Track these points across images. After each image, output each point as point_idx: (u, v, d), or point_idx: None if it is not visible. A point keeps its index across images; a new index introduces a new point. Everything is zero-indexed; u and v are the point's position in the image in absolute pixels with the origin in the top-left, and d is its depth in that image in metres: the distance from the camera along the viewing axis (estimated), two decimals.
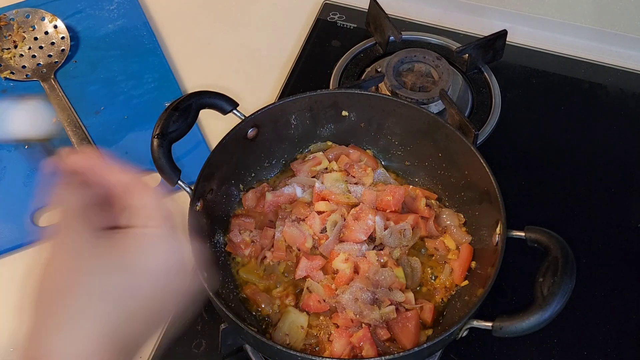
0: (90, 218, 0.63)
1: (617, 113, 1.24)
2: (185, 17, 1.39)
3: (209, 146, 1.16)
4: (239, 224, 1.01)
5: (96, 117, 1.20)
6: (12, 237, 1.06)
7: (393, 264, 0.96)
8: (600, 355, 0.97)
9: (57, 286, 0.60)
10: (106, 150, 1.15)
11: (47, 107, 1.19)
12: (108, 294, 0.59)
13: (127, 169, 0.66)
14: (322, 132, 1.10)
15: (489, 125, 1.19)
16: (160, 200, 0.64)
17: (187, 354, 0.96)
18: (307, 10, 1.39)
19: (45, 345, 0.58)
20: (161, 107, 1.07)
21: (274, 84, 1.28)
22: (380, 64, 1.27)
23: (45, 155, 0.70)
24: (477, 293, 0.89)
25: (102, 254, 0.61)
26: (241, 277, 0.98)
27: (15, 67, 1.26)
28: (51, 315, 0.59)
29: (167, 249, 0.62)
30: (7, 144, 1.16)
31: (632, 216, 1.11)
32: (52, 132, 0.79)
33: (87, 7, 1.36)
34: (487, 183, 0.94)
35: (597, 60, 1.31)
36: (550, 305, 0.80)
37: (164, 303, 0.63)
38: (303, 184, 1.05)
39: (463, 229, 1.01)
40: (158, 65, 1.28)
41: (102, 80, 1.26)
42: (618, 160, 1.18)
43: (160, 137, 0.95)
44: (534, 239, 0.88)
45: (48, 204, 1.00)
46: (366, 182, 1.05)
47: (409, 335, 0.90)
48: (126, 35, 1.32)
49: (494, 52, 1.27)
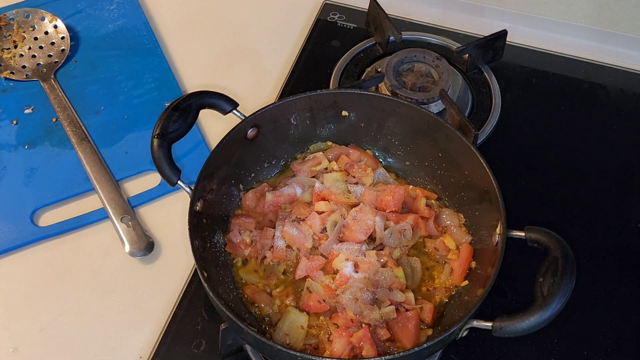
0: None
1: (617, 113, 1.24)
2: (185, 17, 1.39)
3: (208, 146, 1.16)
4: (239, 224, 1.01)
5: (96, 116, 1.20)
6: (12, 237, 1.06)
7: (393, 264, 0.96)
8: (600, 355, 0.97)
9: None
10: (106, 150, 1.15)
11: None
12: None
13: None
14: (322, 132, 1.10)
15: (489, 125, 1.19)
16: None
17: (187, 354, 0.96)
18: (307, 10, 1.39)
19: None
20: (161, 107, 1.08)
21: (274, 84, 1.28)
22: (380, 64, 1.27)
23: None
24: (477, 293, 0.89)
25: None
26: (241, 277, 0.98)
27: (15, 67, 1.26)
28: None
29: None
30: (7, 144, 1.16)
31: (632, 216, 1.11)
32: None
33: (87, 7, 1.36)
34: (487, 183, 0.94)
35: (597, 60, 1.31)
36: (550, 305, 0.80)
37: None
38: (303, 184, 1.05)
39: (463, 229, 1.01)
40: (158, 65, 1.28)
41: (102, 80, 1.26)
42: (618, 160, 1.18)
43: (160, 137, 0.95)
44: (534, 239, 0.88)
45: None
46: (366, 182, 1.05)
47: (409, 335, 0.90)
48: (126, 35, 1.32)
49: (494, 52, 1.27)
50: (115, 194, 1.08)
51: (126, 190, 1.12)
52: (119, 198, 1.08)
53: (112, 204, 1.07)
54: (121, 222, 1.06)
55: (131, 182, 1.13)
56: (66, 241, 1.07)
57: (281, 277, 0.98)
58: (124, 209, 1.07)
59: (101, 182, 1.09)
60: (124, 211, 1.07)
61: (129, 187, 1.12)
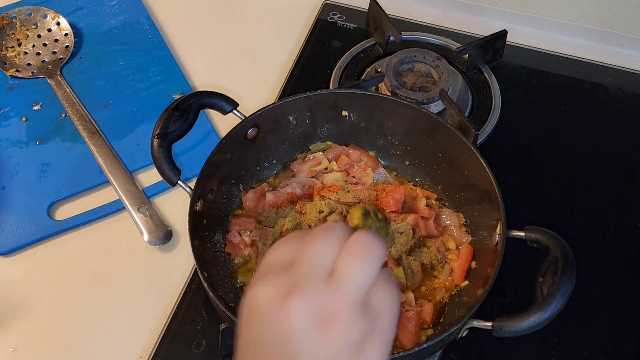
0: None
1: (617, 113, 1.24)
2: (185, 17, 1.39)
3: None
4: (239, 223, 1.01)
5: (105, 111, 1.21)
6: (30, 232, 1.07)
7: (393, 264, 0.96)
8: (600, 355, 0.97)
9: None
10: (117, 143, 1.16)
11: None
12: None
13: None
14: (322, 132, 1.10)
15: (489, 125, 1.19)
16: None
17: (187, 354, 0.97)
18: (307, 10, 1.39)
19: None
20: (169, 99, 1.09)
21: (274, 84, 1.28)
22: (380, 64, 1.27)
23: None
24: (477, 293, 0.89)
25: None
26: (241, 278, 0.98)
27: (20, 65, 1.26)
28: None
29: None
30: (18, 141, 1.17)
31: (632, 216, 1.11)
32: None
33: (88, 3, 1.37)
34: (487, 183, 0.94)
35: (597, 60, 1.31)
36: (550, 305, 0.80)
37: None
38: (303, 184, 1.05)
39: (463, 229, 1.01)
40: (163, 57, 1.28)
41: (108, 74, 1.27)
42: (618, 160, 1.18)
43: (160, 137, 0.95)
44: (534, 239, 0.88)
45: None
46: (366, 182, 1.05)
47: (409, 335, 0.90)
48: (129, 30, 1.33)
49: (494, 52, 1.27)
50: (131, 185, 1.10)
51: (140, 181, 1.13)
52: (134, 189, 1.09)
53: (128, 195, 1.08)
54: (138, 212, 1.07)
55: (144, 173, 1.14)
56: (82, 234, 1.08)
57: None
58: (140, 199, 1.08)
59: (115, 174, 1.11)
60: (140, 201, 1.08)
61: (142, 178, 1.13)
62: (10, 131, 1.19)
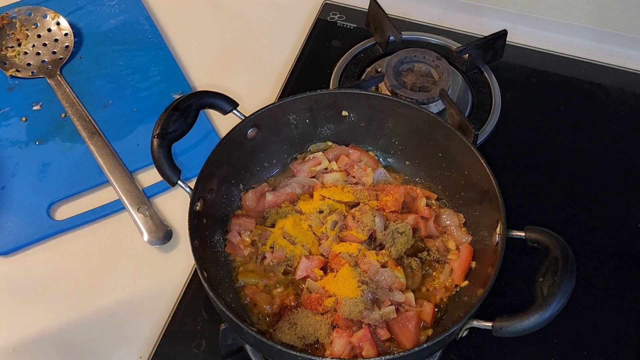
0: None
1: (617, 113, 1.24)
2: (185, 17, 1.39)
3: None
4: (239, 223, 1.01)
5: (105, 110, 1.21)
6: (29, 232, 1.07)
7: (393, 264, 0.96)
8: (600, 355, 0.97)
9: None
10: (117, 143, 1.16)
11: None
12: None
13: None
14: (322, 132, 1.10)
15: (489, 125, 1.19)
16: None
17: (187, 354, 0.97)
18: (307, 10, 1.39)
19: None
20: (169, 99, 1.09)
21: (274, 84, 1.28)
22: (380, 64, 1.27)
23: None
24: (477, 293, 0.89)
25: None
26: (241, 278, 0.98)
27: (20, 65, 1.27)
28: None
29: None
30: (18, 141, 1.17)
31: (632, 216, 1.11)
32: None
33: (88, 3, 1.37)
34: (487, 183, 0.94)
35: (597, 60, 1.31)
36: (550, 305, 0.80)
37: None
38: (303, 184, 1.05)
39: (463, 229, 1.01)
40: (163, 57, 1.29)
41: (108, 74, 1.27)
42: (618, 160, 1.18)
43: (160, 137, 0.95)
44: (534, 239, 0.88)
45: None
46: (366, 182, 1.05)
47: (409, 335, 0.90)
48: (129, 30, 1.33)
49: (494, 52, 1.27)
50: (130, 185, 1.10)
51: (140, 181, 1.13)
52: (134, 189, 1.09)
53: (128, 195, 1.09)
54: (138, 212, 1.07)
55: (144, 173, 1.14)
56: (82, 234, 1.08)
57: (281, 277, 0.98)
58: (140, 199, 1.08)
59: (115, 174, 1.11)
60: (140, 201, 1.08)
61: (142, 178, 1.13)
62: (10, 131, 1.19)
